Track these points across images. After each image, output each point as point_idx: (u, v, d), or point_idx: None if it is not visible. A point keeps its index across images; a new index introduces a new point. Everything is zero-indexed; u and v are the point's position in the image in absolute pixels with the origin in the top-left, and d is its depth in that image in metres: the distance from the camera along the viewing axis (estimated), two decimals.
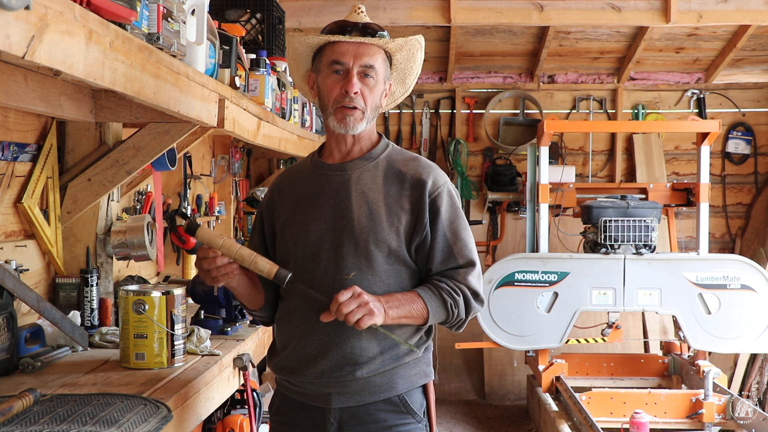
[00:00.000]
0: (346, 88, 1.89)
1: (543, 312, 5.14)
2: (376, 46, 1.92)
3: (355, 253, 1.88)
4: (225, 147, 4.51)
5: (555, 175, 5.52)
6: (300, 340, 1.94)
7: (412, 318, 1.88)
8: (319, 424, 1.94)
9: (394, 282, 1.91)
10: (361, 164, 1.97)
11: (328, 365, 1.90)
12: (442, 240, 1.92)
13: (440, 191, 1.94)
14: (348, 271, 1.88)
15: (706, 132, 5.18)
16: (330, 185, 1.96)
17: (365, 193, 1.93)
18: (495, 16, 5.44)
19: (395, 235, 1.90)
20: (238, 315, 2.73)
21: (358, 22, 1.92)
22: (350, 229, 1.89)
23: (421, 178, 1.94)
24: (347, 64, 1.90)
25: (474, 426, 5.78)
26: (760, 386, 6.03)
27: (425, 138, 6.66)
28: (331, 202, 1.94)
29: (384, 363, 1.90)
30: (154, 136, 2.54)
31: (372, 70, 1.91)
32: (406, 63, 2.02)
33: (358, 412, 1.92)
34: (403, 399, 1.94)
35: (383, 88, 1.96)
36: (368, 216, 1.90)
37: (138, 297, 2.14)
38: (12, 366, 2.07)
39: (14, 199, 2.38)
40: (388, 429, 1.92)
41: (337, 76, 1.91)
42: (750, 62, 6.38)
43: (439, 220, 1.92)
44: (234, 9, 3.74)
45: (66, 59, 1.33)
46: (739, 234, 6.63)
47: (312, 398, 1.95)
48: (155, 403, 1.79)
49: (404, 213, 1.91)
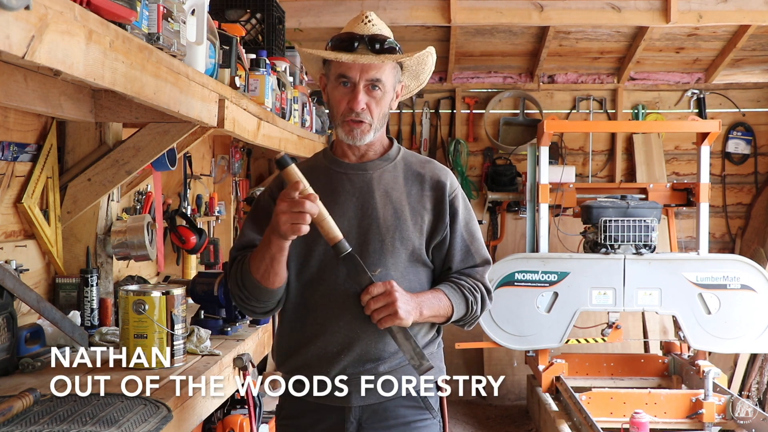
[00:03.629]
0: (352, 105, 1.88)
1: (543, 312, 5.14)
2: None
3: (381, 250, 1.90)
4: (225, 147, 4.51)
5: (555, 175, 5.52)
6: (322, 337, 1.92)
7: (440, 316, 1.91)
8: (337, 424, 1.92)
9: (414, 280, 1.93)
10: (381, 164, 1.98)
11: (350, 361, 1.90)
12: (460, 240, 1.97)
13: (457, 193, 1.99)
14: (373, 267, 1.88)
15: (706, 132, 5.18)
16: (351, 183, 1.96)
17: (388, 193, 1.95)
18: (495, 16, 5.44)
19: (418, 234, 1.93)
20: (238, 315, 2.73)
21: (364, 34, 1.90)
22: (377, 227, 1.91)
23: (441, 180, 1.98)
24: (354, 78, 1.88)
25: (474, 426, 5.78)
26: (760, 386, 6.03)
27: (425, 138, 6.66)
28: (353, 200, 1.94)
29: (403, 359, 1.89)
30: (154, 136, 2.54)
31: (379, 83, 1.89)
32: (417, 66, 2.01)
33: (378, 410, 1.91)
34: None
35: (392, 95, 1.95)
36: (393, 215, 1.92)
37: (138, 297, 2.14)
38: (12, 366, 2.07)
39: (14, 199, 2.38)
40: (407, 425, 1.93)
41: (344, 89, 1.90)
42: (750, 62, 6.38)
43: (458, 221, 1.97)
44: (234, 9, 3.74)
45: (66, 59, 1.33)
46: (739, 234, 6.63)
47: (330, 398, 1.92)
48: (155, 403, 1.79)
49: (426, 213, 1.95)
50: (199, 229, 3.38)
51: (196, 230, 3.35)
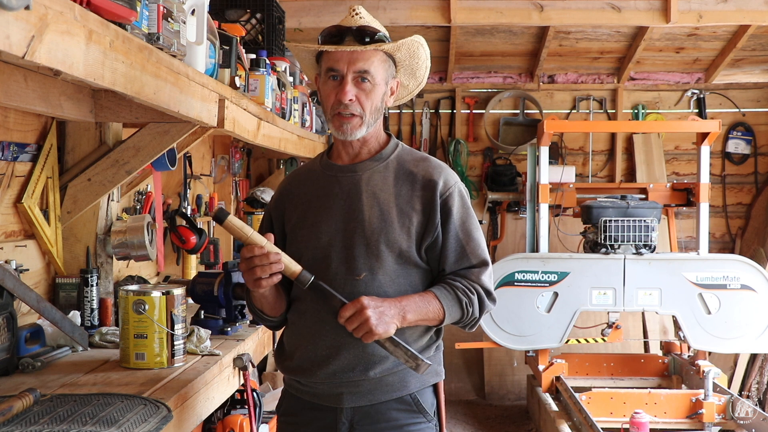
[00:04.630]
0: (340, 96, 1.87)
1: (543, 312, 5.14)
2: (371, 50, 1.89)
3: (366, 254, 1.88)
4: (225, 147, 4.51)
5: (555, 175, 5.52)
6: (311, 341, 1.93)
7: (428, 320, 1.88)
8: (330, 424, 1.93)
9: (405, 282, 1.91)
10: (371, 165, 1.96)
11: (340, 365, 1.89)
12: (454, 240, 1.93)
13: (451, 191, 1.94)
14: (359, 272, 1.87)
15: (706, 132, 5.18)
16: (341, 186, 1.95)
17: (376, 194, 1.92)
18: (495, 16, 5.44)
19: (406, 236, 1.89)
20: (238, 315, 2.73)
21: (351, 26, 1.89)
22: (361, 230, 1.89)
23: (432, 179, 1.94)
24: (341, 70, 1.87)
25: (474, 426, 5.78)
26: (760, 386, 6.03)
27: (425, 138, 6.66)
28: (341, 203, 1.93)
29: (396, 362, 1.89)
30: (154, 136, 2.54)
31: (367, 74, 1.88)
32: (410, 60, 1.98)
33: (370, 412, 1.92)
34: (414, 398, 1.94)
35: (384, 89, 1.93)
36: (379, 217, 1.90)
37: (138, 297, 2.14)
38: (12, 366, 2.07)
39: (14, 199, 2.38)
40: (400, 428, 1.92)
41: (333, 83, 1.89)
42: (750, 62, 6.38)
43: (451, 221, 1.92)
44: (234, 9, 3.74)
45: (66, 59, 1.33)
46: (739, 234, 6.63)
47: (323, 398, 1.95)
48: (155, 403, 1.79)
49: (415, 213, 1.91)
50: (199, 229, 3.37)
51: (196, 230, 3.35)
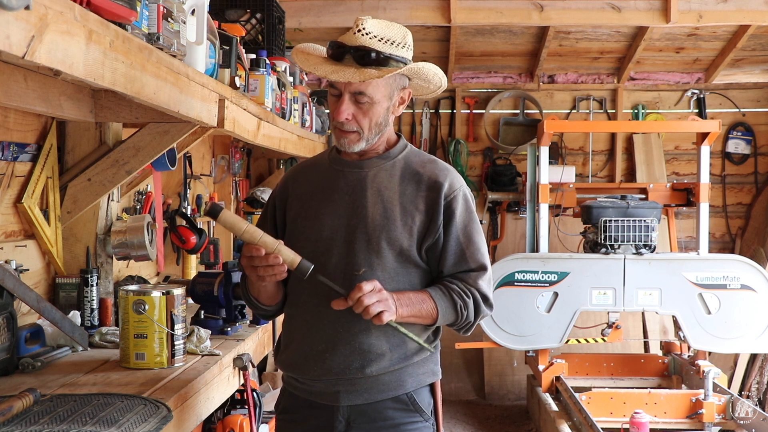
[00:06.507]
0: (335, 115, 1.89)
1: (543, 312, 5.14)
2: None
3: (367, 250, 1.89)
4: (225, 147, 4.51)
5: (555, 175, 5.52)
6: (307, 333, 1.94)
7: (421, 318, 1.89)
8: (327, 422, 1.94)
9: (403, 280, 1.92)
10: (378, 162, 1.97)
11: (336, 361, 1.90)
12: (455, 243, 1.93)
13: (456, 194, 1.95)
14: (358, 267, 1.88)
15: (706, 132, 5.18)
16: (346, 181, 1.96)
17: (381, 192, 1.93)
18: (495, 16, 5.44)
19: (408, 235, 1.90)
20: (238, 315, 2.73)
21: (351, 44, 1.86)
22: (364, 226, 1.90)
23: (438, 180, 1.95)
24: (340, 88, 1.88)
25: (474, 426, 5.78)
26: (760, 386, 6.03)
27: (425, 138, 6.66)
28: (346, 198, 1.94)
29: (393, 361, 1.90)
30: (154, 136, 2.54)
31: (364, 96, 1.87)
32: (417, 73, 1.95)
33: (367, 410, 1.92)
34: (411, 397, 1.94)
35: (387, 104, 1.92)
36: (383, 214, 1.91)
37: (138, 297, 2.14)
38: (12, 366, 2.07)
39: (14, 199, 2.38)
40: (396, 427, 1.93)
41: (333, 98, 1.91)
42: (750, 62, 6.38)
43: (454, 223, 1.93)
44: (234, 9, 3.74)
45: (66, 59, 1.33)
46: (739, 234, 6.63)
47: (320, 396, 1.95)
48: (155, 403, 1.79)
49: (418, 213, 1.92)
50: (199, 229, 3.38)
51: (196, 230, 3.35)
